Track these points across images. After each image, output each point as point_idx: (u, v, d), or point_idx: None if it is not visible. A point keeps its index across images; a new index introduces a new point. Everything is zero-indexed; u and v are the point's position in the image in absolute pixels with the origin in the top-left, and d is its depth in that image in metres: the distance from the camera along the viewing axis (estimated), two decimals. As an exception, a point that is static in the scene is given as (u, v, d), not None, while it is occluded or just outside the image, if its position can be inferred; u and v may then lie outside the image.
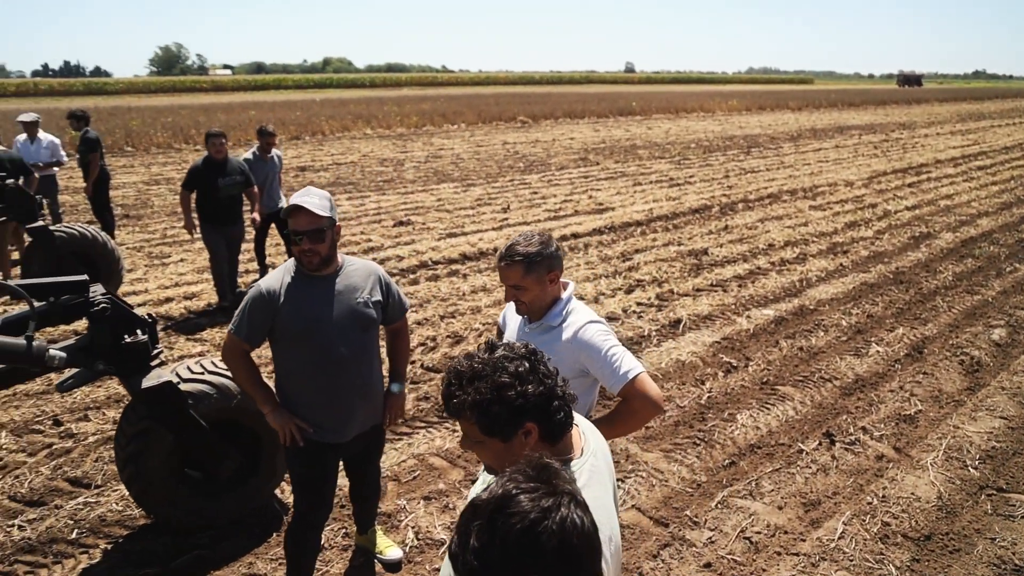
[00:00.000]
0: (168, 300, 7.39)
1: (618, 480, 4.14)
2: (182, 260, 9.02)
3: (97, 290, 3.26)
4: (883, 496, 3.99)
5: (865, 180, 15.17)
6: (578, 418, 1.78)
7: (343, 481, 3.48)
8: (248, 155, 7.36)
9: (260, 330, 2.76)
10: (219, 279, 6.95)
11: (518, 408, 1.48)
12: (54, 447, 4.47)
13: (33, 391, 5.28)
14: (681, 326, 6.66)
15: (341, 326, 2.77)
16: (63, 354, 3.02)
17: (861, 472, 4.30)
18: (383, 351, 3.10)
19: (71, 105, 46.87)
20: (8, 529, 3.72)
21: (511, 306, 2.51)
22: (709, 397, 5.24)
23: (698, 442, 4.62)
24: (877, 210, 12.04)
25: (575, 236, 10.15)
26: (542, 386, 1.51)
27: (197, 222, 6.75)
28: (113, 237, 9.25)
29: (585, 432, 1.70)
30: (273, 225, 7.62)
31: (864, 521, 3.78)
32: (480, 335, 6.48)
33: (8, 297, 6.02)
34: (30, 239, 6.55)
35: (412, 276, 8.33)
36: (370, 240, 10.01)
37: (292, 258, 2.82)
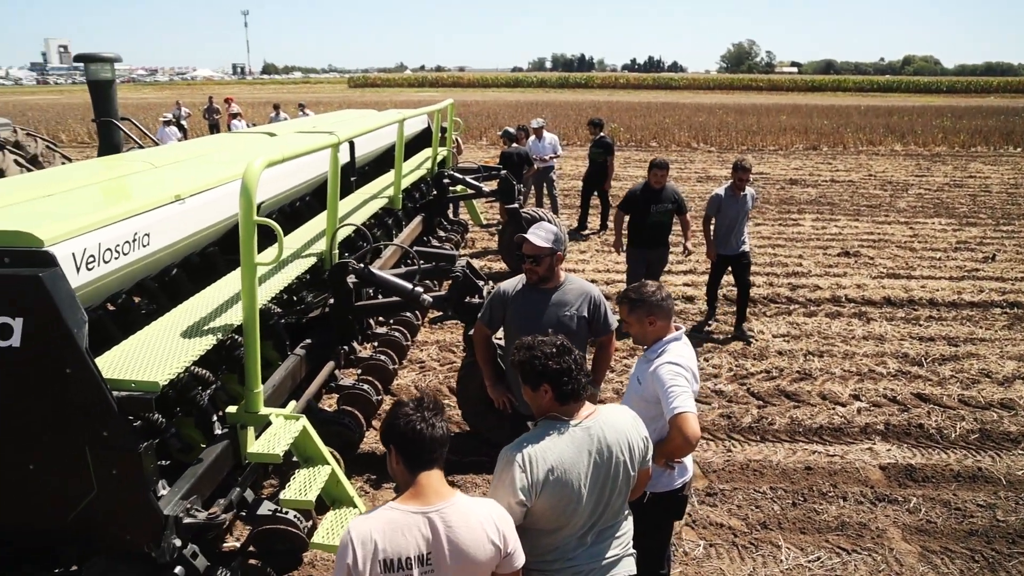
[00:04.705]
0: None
1: (845, 549, 4.10)
2: (610, 252, 10.17)
3: (460, 262, 4.85)
4: None
5: None
6: (622, 413, 2.44)
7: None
8: (720, 191, 7.25)
9: (497, 319, 3.74)
10: None
11: (538, 373, 2.34)
12: (454, 364, 6.46)
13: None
14: (1095, 442, 5.38)
15: (547, 331, 3.43)
16: (430, 299, 4.66)
17: None
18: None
19: (641, 99, 53.58)
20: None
21: None
22: (1045, 525, 4.39)
23: (979, 560, 4.07)
24: None
25: (1052, 306, 8.42)
26: (558, 365, 2.32)
27: (625, 241, 7.24)
28: (605, 220, 11.53)
29: (604, 418, 2.37)
30: (730, 269, 7.41)
31: None
32: (828, 379, 6.37)
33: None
34: (507, 216, 8.93)
35: (814, 308, 8.28)
36: (800, 265, 10.03)
37: None
